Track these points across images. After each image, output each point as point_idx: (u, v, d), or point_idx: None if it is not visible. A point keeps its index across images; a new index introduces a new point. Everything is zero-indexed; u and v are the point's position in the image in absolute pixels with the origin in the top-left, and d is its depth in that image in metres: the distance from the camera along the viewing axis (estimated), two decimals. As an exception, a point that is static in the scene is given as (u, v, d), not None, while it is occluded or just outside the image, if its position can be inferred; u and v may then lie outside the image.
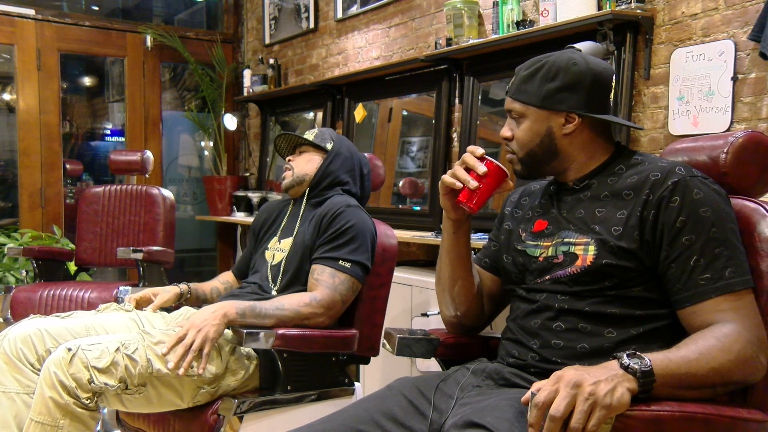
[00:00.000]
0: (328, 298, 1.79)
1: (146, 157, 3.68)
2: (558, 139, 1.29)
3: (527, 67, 1.32)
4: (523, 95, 1.30)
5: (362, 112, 3.75)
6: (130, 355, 1.57)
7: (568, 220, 1.27)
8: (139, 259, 3.13)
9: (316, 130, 2.07)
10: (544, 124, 1.29)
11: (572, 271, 1.20)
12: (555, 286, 1.24)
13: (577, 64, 1.27)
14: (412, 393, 1.26)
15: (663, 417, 0.97)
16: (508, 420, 1.06)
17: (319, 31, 4.18)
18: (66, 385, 1.50)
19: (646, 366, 0.98)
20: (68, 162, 4.68)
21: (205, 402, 1.69)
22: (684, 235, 1.13)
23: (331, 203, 1.94)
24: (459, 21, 2.94)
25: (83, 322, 1.81)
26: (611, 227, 1.19)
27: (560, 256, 1.23)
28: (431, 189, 3.25)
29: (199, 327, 1.62)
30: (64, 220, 4.38)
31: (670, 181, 1.16)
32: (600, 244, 1.18)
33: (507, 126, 1.34)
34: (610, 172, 1.27)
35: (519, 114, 1.31)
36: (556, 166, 1.32)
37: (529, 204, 1.42)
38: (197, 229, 5.15)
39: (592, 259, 1.18)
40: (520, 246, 1.34)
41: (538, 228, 1.33)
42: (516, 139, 1.33)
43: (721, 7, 2.18)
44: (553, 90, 1.27)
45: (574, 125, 1.27)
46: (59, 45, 4.40)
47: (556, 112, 1.27)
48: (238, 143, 5.07)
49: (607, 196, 1.24)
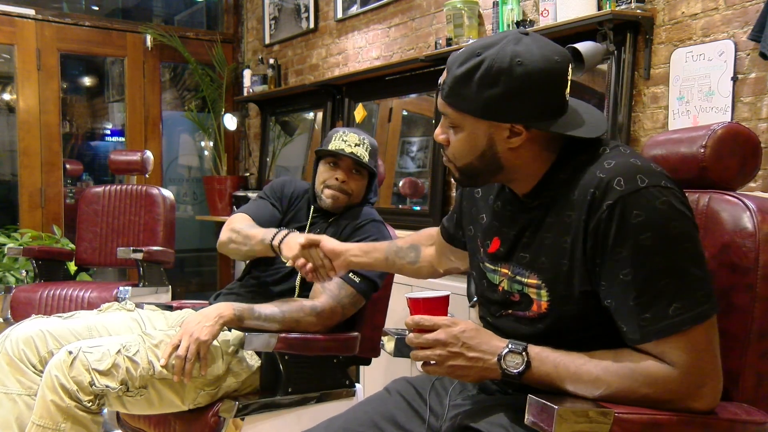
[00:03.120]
0: (329, 309, 1.77)
1: (146, 157, 3.68)
2: (501, 153, 1.08)
3: (461, 61, 1.07)
4: (458, 101, 1.07)
5: (362, 112, 3.75)
6: (131, 357, 1.57)
7: (518, 247, 1.13)
8: (139, 259, 3.13)
9: (368, 144, 1.91)
10: (484, 137, 1.08)
11: (530, 315, 1.10)
12: (518, 324, 1.13)
13: (523, 64, 1.02)
14: (410, 394, 1.27)
15: (661, 421, 0.96)
16: (503, 426, 1.06)
17: (319, 31, 4.18)
18: (67, 388, 1.50)
19: (517, 368, 1.02)
20: (68, 162, 4.68)
21: (206, 403, 1.69)
22: (621, 269, 0.98)
23: (355, 214, 1.92)
24: (459, 21, 2.93)
25: (85, 322, 1.81)
26: (559, 260, 1.05)
27: (516, 294, 1.12)
28: (431, 189, 3.25)
29: (191, 332, 1.61)
30: (64, 220, 4.38)
31: (606, 203, 0.98)
32: (551, 288, 1.06)
33: (441, 128, 1.14)
34: (558, 181, 1.08)
35: (453, 122, 1.10)
36: (502, 178, 1.14)
37: (483, 205, 1.25)
38: (197, 229, 5.15)
39: (547, 306, 1.07)
40: (481, 264, 1.22)
41: (493, 248, 1.19)
42: (452, 149, 1.13)
43: (721, 7, 2.18)
44: (494, 98, 1.03)
45: (520, 139, 1.07)
46: (59, 45, 4.40)
47: (498, 123, 1.06)
48: (238, 143, 5.07)
49: (551, 217, 1.08)
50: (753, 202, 1.12)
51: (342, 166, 1.91)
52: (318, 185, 1.94)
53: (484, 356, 1.04)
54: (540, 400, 0.96)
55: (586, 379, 1.00)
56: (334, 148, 1.88)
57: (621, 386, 0.99)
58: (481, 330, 1.08)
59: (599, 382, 0.99)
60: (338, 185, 1.90)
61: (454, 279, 2.63)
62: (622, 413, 0.94)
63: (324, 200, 1.92)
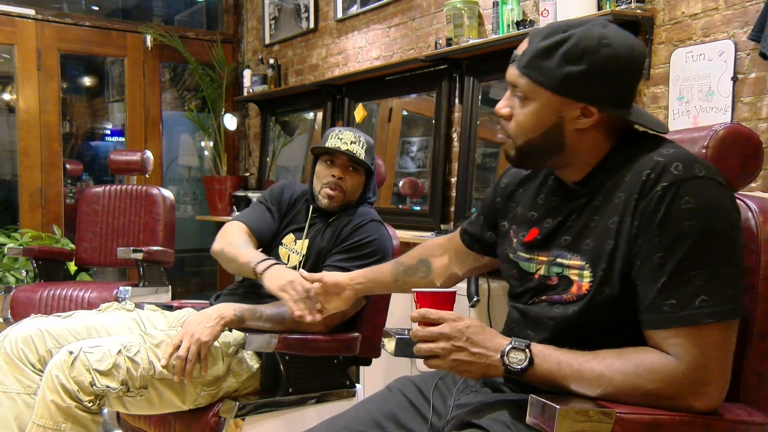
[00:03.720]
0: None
1: (146, 157, 3.68)
2: (568, 133, 1.08)
3: (545, 35, 1.07)
4: (536, 72, 1.06)
5: (362, 112, 3.75)
6: (132, 357, 1.57)
7: (559, 233, 1.13)
8: (139, 259, 3.13)
9: (363, 142, 1.91)
10: (554, 113, 1.07)
11: (567, 298, 1.08)
12: (550, 309, 1.11)
13: (610, 46, 1.03)
14: (412, 393, 1.26)
15: (663, 421, 0.96)
16: (504, 423, 1.06)
17: (319, 31, 4.18)
18: (68, 388, 1.50)
19: (520, 364, 1.02)
20: (68, 162, 4.68)
21: (206, 403, 1.69)
22: (657, 252, 0.98)
23: (354, 213, 1.92)
24: (459, 21, 2.93)
25: (84, 322, 1.81)
26: (604, 240, 1.04)
27: (554, 278, 1.11)
28: (431, 189, 3.25)
29: (192, 332, 1.61)
30: (64, 220, 4.38)
31: (661, 184, 0.99)
32: (594, 269, 1.05)
33: (506, 101, 1.12)
34: (610, 168, 1.09)
35: (524, 93, 1.08)
36: (558, 161, 1.13)
37: (523, 199, 1.24)
38: (197, 229, 5.15)
39: (588, 287, 1.05)
40: (513, 255, 1.21)
41: (530, 237, 1.17)
42: (516, 122, 1.11)
43: (721, 7, 2.18)
44: (575, 75, 1.03)
45: (590, 120, 1.06)
46: (59, 45, 4.40)
47: (572, 101, 1.06)
48: (238, 143, 5.07)
49: (599, 200, 1.08)
50: (755, 203, 1.12)
51: (338, 164, 1.92)
52: (316, 185, 1.95)
53: (488, 352, 1.04)
54: (541, 400, 0.96)
55: (589, 376, 1.00)
56: (330, 146, 1.89)
57: (624, 382, 0.98)
58: (486, 327, 1.08)
59: (602, 378, 0.99)
60: (335, 182, 1.90)
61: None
62: (623, 413, 0.94)
63: (321, 200, 1.92)
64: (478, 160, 3.02)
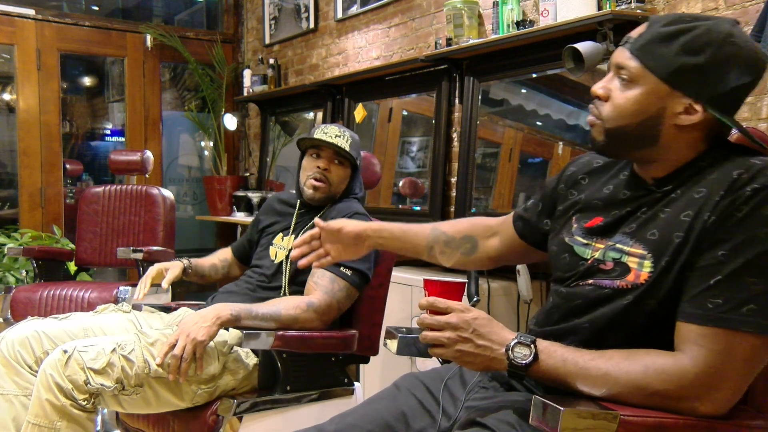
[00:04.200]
0: (325, 304, 1.78)
1: (146, 157, 3.68)
2: (665, 127, 1.02)
3: (668, 22, 1.01)
4: (649, 57, 1.00)
5: (362, 112, 3.75)
6: (127, 355, 1.57)
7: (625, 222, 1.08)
8: (139, 259, 3.12)
9: (348, 136, 1.95)
10: (658, 102, 1.01)
11: (620, 285, 1.04)
12: (598, 292, 1.07)
13: (735, 45, 0.98)
14: (421, 393, 1.25)
15: (667, 424, 0.96)
16: (510, 423, 1.06)
17: (319, 31, 4.18)
18: (62, 386, 1.50)
19: (525, 359, 1.01)
20: (68, 162, 4.68)
21: (203, 402, 1.69)
22: (722, 249, 0.95)
23: (338, 208, 1.94)
24: (459, 21, 2.93)
25: (81, 323, 1.81)
26: (672, 232, 1.00)
27: (609, 262, 1.07)
28: (431, 189, 3.25)
29: (188, 332, 1.61)
30: (64, 220, 4.38)
31: (752, 186, 0.94)
32: (656, 259, 1.00)
33: (605, 82, 1.07)
34: (697, 168, 1.03)
35: (631, 76, 1.03)
36: (644, 155, 1.07)
37: (589, 189, 1.19)
38: (197, 229, 5.15)
39: (647, 277, 1.01)
40: (569, 239, 1.16)
41: (593, 223, 1.13)
42: (612, 105, 1.05)
43: (721, 8, 2.17)
44: (690, 66, 0.98)
45: (692, 119, 1.01)
46: (59, 45, 4.40)
47: (680, 94, 1.00)
48: (238, 143, 5.07)
49: (676, 194, 1.03)
50: None
51: (324, 156, 1.96)
52: (302, 178, 1.98)
53: (493, 345, 1.04)
54: (545, 401, 0.95)
55: (595, 374, 0.99)
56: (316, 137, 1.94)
57: (631, 382, 0.97)
58: (493, 320, 1.08)
59: (608, 377, 0.98)
60: (320, 173, 1.93)
61: (454, 278, 2.63)
62: (627, 415, 0.94)
63: (306, 191, 1.96)
64: (478, 160, 3.02)
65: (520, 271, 2.42)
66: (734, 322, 0.93)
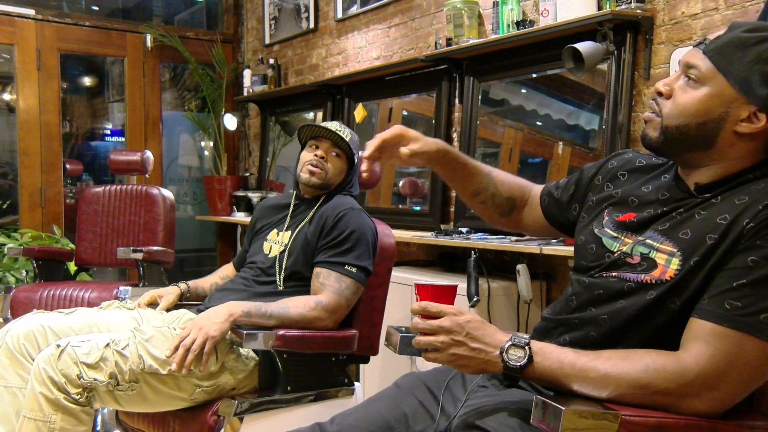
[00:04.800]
0: (334, 303, 1.80)
1: (146, 157, 3.68)
2: (725, 132, 1.03)
3: (751, 28, 1.02)
4: (723, 59, 1.01)
5: (362, 112, 3.75)
6: (120, 351, 1.58)
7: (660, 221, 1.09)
8: (139, 259, 3.12)
9: (347, 132, 1.99)
10: (722, 106, 1.02)
11: (645, 280, 1.04)
12: (621, 285, 1.07)
13: None
14: (422, 394, 1.25)
15: (668, 424, 0.96)
16: (512, 427, 1.05)
17: (319, 31, 4.18)
18: (55, 380, 1.52)
19: (519, 361, 1.01)
20: (68, 162, 4.68)
21: (203, 401, 1.69)
22: (753, 256, 0.95)
23: (333, 204, 1.94)
24: (459, 21, 2.93)
25: (85, 319, 1.82)
26: (706, 234, 1.00)
27: (636, 256, 1.07)
28: (431, 189, 3.25)
29: (201, 326, 1.64)
30: (64, 220, 4.38)
31: None
32: (685, 258, 1.01)
33: (670, 80, 1.07)
34: (744, 180, 1.04)
35: (700, 77, 1.03)
36: (695, 159, 1.07)
37: (627, 186, 1.19)
38: (197, 229, 5.15)
39: (674, 274, 1.01)
40: (598, 231, 1.16)
41: (625, 218, 1.14)
42: (675, 103, 1.05)
43: (721, 7, 2.17)
44: (763, 75, 0.99)
45: (752, 127, 1.01)
46: (59, 45, 4.40)
47: (746, 101, 1.01)
48: (238, 143, 5.07)
49: (717, 198, 1.04)
50: None
51: (322, 147, 1.98)
52: (299, 168, 2.00)
53: (487, 348, 1.04)
54: (547, 401, 0.95)
55: (594, 376, 0.99)
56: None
57: (632, 382, 0.97)
58: (486, 323, 1.08)
59: (608, 379, 0.98)
60: (317, 160, 1.96)
61: (453, 278, 2.63)
62: (629, 415, 0.94)
63: (302, 176, 1.98)
64: (478, 160, 3.02)
65: (520, 272, 2.42)
66: (749, 327, 0.94)
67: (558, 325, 1.15)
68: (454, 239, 2.70)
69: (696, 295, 1.01)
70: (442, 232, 2.88)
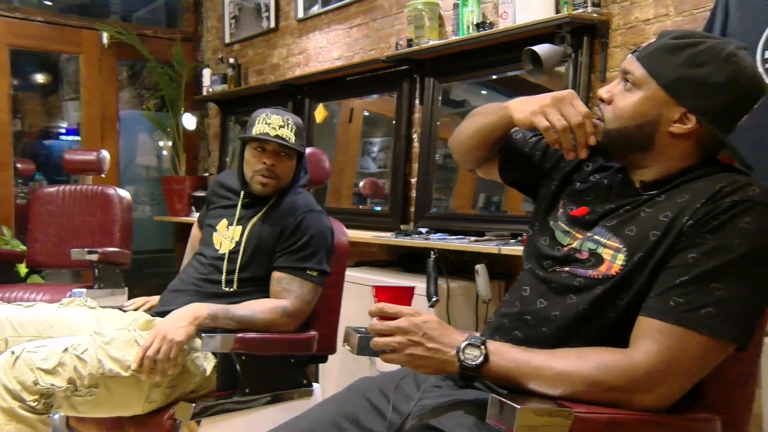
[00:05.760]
0: (298, 309, 1.82)
1: (102, 157, 3.60)
2: (660, 133, 1.08)
3: (678, 35, 1.08)
4: (654, 64, 1.07)
5: (323, 112, 3.74)
6: (79, 355, 1.54)
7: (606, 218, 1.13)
8: (94, 261, 3.06)
9: (292, 124, 1.89)
10: (656, 108, 1.07)
11: (593, 275, 1.08)
12: (573, 281, 1.11)
13: (737, 64, 1.04)
14: (372, 394, 1.25)
15: (621, 420, 0.98)
16: (468, 427, 1.06)
17: (280, 30, 4.15)
18: (9, 388, 1.47)
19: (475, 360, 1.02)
20: (19, 161, 4.55)
21: (160, 404, 1.66)
22: (694, 253, 0.99)
23: (291, 205, 1.92)
24: (420, 22, 2.95)
25: (47, 314, 1.79)
26: (650, 231, 1.04)
27: (585, 252, 1.11)
28: (392, 189, 3.26)
29: (164, 333, 1.60)
30: (15, 221, 4.25)
31: (732, 198, 0.99)
32: (630, 254, 1.05)
33: (611, 86, 1.13)
34: (685, 179, 1.08)
35: (635, 81, 1.09)
36: (638, 160, 1.12)
37: (590, 182, 1.22)
38: (155, 230, 5.05)
39: (619, 269, 1.05)
40: (553, 224, 1.21)
41: (578, 213, 1.18)
42: (615, 107, 1.11)
43: (671, 14, 2.24)
44: (691, 78, 1.04)
45: (685, 128, 1.06)
46: (9, 40, 4.27)
47: (676, 103, 1.06)
48: (198, 143, 5.00)
49: (660, 197, 1.08)
50: None
51: (269, 150, 1.89)
52: (247, 172, 1.93)
53: (444, 348, 1.05)
54: (502, 399, 0.96)
55: (548, 374, 1.01)
56: (258, 132, 1.86)
57: (586, 380, 0.99)
58: (443, 323, 1.08)
59: (563, 377, 1.00)
60: (266, 169, 1.88)
61: (413, 278, 2.64)
62: (582, 412, 0.95)
63: (254, 186, 1.92)
64: (438, 160, 3.04)
65: (479, 271, 2.44)
66: (692, 322, 0.97)
67: (511, 321, 1.16)
68: (413, 239, 2.71)
69: (642, 292, 1.04)
70: (402, 233, 2.88)
